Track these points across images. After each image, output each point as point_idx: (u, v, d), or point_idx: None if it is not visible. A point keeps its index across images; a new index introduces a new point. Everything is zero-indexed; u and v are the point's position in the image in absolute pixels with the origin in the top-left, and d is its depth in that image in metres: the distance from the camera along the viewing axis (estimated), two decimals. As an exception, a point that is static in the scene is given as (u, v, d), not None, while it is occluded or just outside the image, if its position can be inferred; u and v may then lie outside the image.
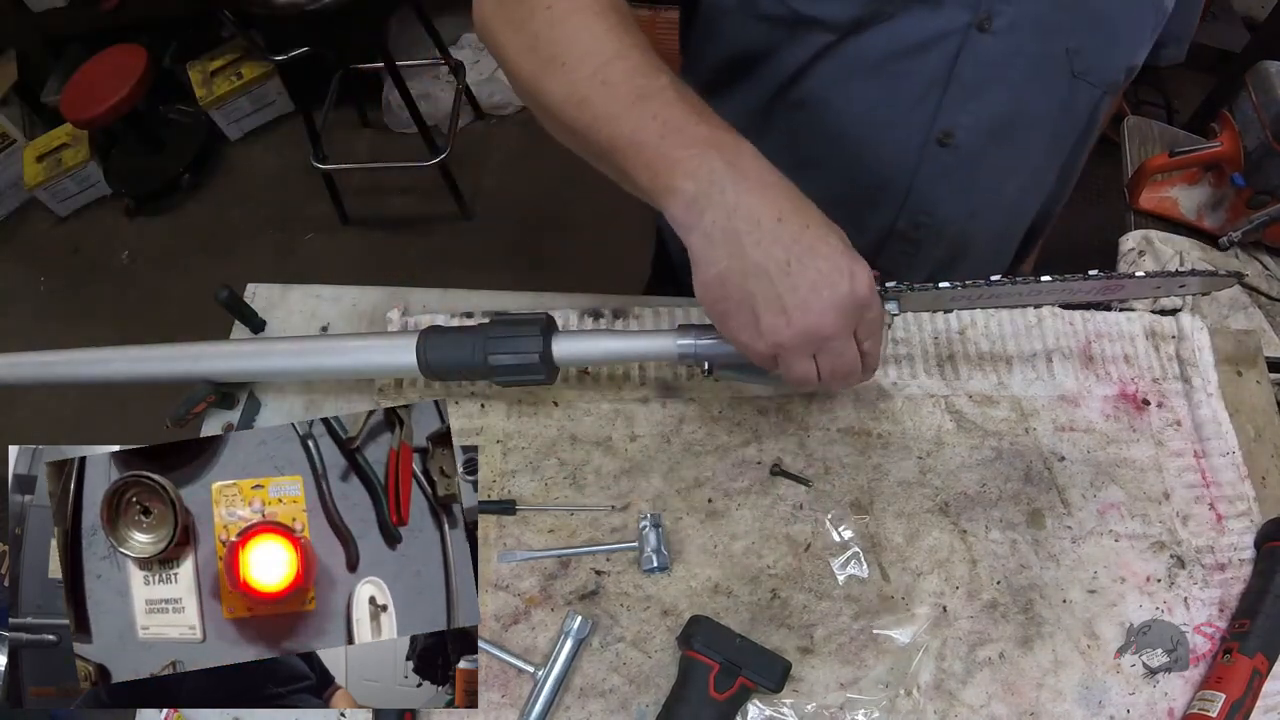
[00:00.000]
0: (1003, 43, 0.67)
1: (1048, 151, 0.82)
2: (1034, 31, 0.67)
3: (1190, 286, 0.70)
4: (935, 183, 0.78)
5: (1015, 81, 0.71)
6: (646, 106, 0.53)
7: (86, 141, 2.42)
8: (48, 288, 2.39)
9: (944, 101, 0.71)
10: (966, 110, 0.72)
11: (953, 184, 0.79)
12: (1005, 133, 0.75)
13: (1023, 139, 0.78)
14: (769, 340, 0.53)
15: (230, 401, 0.78)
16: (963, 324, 0.81)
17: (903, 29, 0.68)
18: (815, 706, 0.65)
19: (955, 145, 0.75)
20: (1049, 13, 0.67)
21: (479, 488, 0.73)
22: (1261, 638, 0.65)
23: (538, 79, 0.58)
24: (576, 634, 0.66)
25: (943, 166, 0.76)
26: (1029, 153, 0.80)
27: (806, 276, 0.51)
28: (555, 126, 0.60)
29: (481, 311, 0.83)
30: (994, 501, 0.73)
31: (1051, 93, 0.74)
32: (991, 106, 0.72)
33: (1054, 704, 0.65)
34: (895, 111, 0.73)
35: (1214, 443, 0.76)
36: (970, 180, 0.79)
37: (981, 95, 0.71)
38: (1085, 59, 0.71)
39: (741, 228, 0.50)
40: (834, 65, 0.71)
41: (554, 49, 0.57)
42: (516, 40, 0.59)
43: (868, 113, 0.74)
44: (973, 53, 0.68)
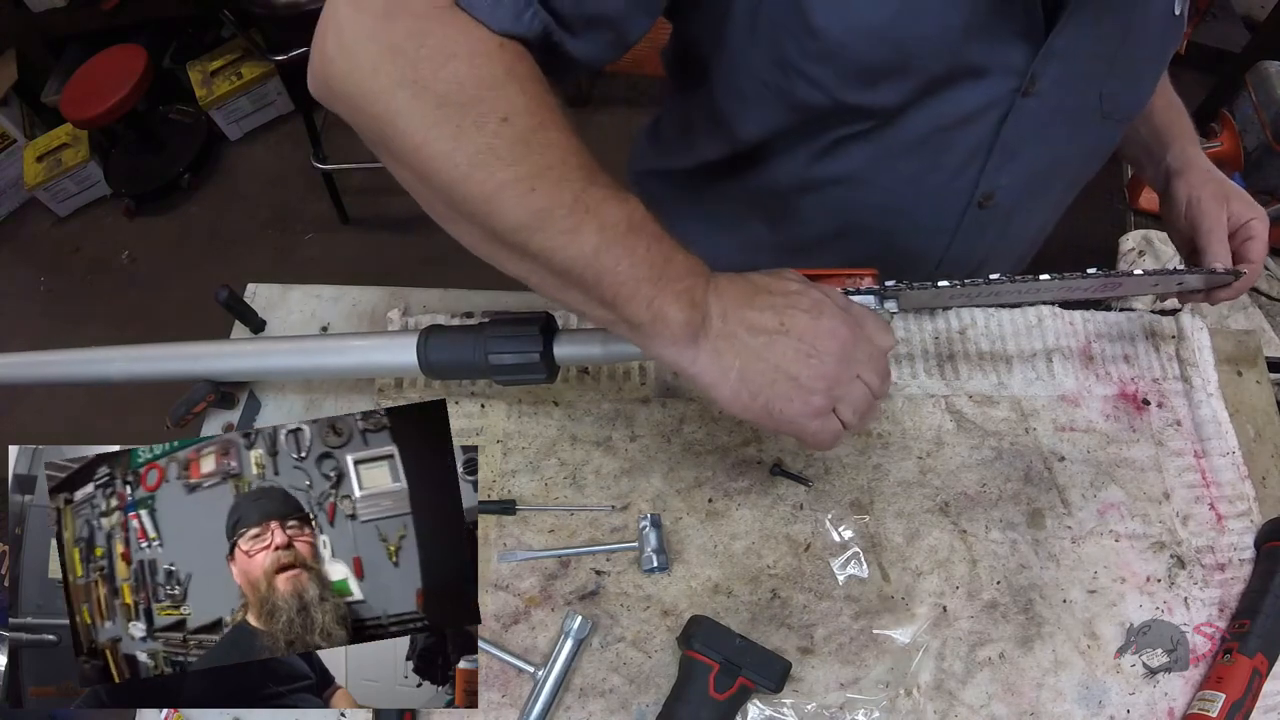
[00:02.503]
0: (1045, 103, 0.66)
1: (1073, 186, 0.82)
2: (1073, 85, 0.66)
3: (1189, 285, 0.70)
4: (971, 238, 0.78)
5: (1054, 137, 0.70)
6: (638, 239, 0.50)
7: (86, 141, 2.42)
8: (48, 288, 2.39)
9: (986, 167, 0.70)
10: (1007, 172, 0.71)
11: (987, 237, 0.78)
12: (1041, 185, 0.75)
13: (1055, 185, 0.78)
14: (825, 395, 0.53)
15: (230, 401, 0.78)
16: (963, 324, 0.81)
17: (948, 105, 0.65)
18: (815, 706, 0.65)
19: (995, 205, 0.74)
20: (1087, 64, 0.65)
21: (479, 488, 0.73)
22: (1261, 638, 0.65)
23: (490, 195, 0.48)
24: (576, 634, 0.66)
25: (980, 225, 0.76)
26: (1058, 194, 0.81)
27: (810, 332, 0.52)
28: (489, 239, 0.51)
29: (481, 311, 0.83)
30: (994, 501, 0.73)
31: (1084, 138, 0.74)
32: (1032, 164, 0.72)
33: (1054, 704, 0.65)
34: (938, 181, 0.72)
35: (1214, 443, 0.76)
36: (1003, 230, 0.79)
37: (1022, 155, 0.70)
38: (1115, 101, 0.70)
39: (736, 329, 0.52)
40: (875, 146, 0.69)
41: (517, 167, 0.47)
42: (457, 145, 0.47)
43: (909, 186, 0.72)
44: (1017, 117, 0.66)
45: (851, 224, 0.77)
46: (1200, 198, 0.76)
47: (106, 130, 2.42)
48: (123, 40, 2.33)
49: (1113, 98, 0.70)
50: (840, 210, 0.75)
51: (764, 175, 0.76)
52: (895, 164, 0.70)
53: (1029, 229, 0.84)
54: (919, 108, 0.65)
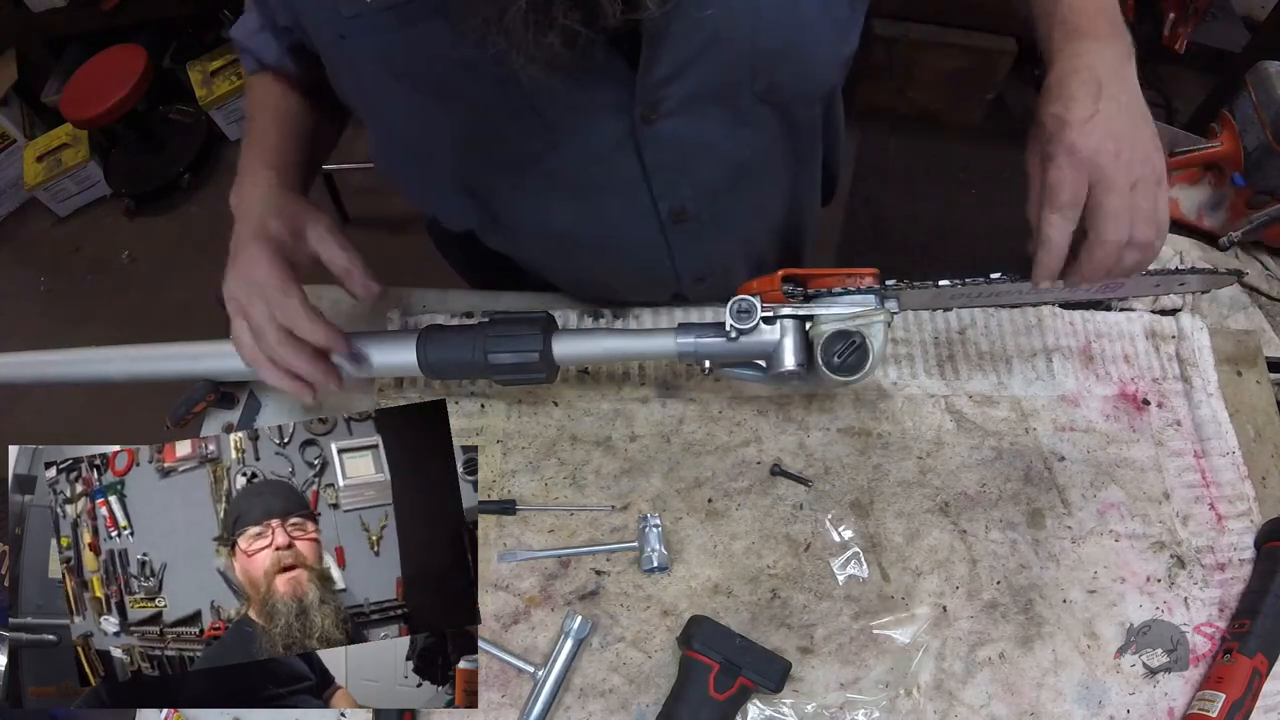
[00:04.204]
0: (681, 121, 0.63)
1: (790, 167, 0.78)
2: (707, 99, 0.62)
3: (1190, 285, 0.70)
4: (692, 249, 0.76)
5: (716, 145, 0.67)
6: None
7: (86, 141, 2.42)
8: (48, 288, 2.39)
9: (654, 190, 0.68)
10: (683, 186, 0.69)
11: (708, 243, 0.77)
12: (736, 185, 0.72)
13: (756, 179, 0.75)
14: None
15: (230, 401, 0.78)
16: (963, 324, 0.81)
17: (575, 147, 0.64)
18: (815, 706, 0.65)
19: (691, 218, 0.72)
20: (709, 79, 0.61)
21: (479, 488, 0.73)
22: (1261, 638, 0.65)
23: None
24: (576, 634, 0.66)
25: (691, 235, 0.74)
26: (771, 184, 0.78)
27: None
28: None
29: (481, 311, 0.83)
30: (994, 501, 0.73)
31: (758, 135, 0.69)
32: (708, 174, 0.69)
33: (1054, 704, 0.65)
34: (618, 208, 0.70)
35: (1214, 443, 0.76)
36: (724, 232, 0.77)
37: (689, 170, 0.68)
38: (781, 89, 0.65)
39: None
40: (535, 190, 0.69)
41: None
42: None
43: (594, 219, 0.71)
44: (653, 144, 0.64)
45: (571, 252, 0.76)
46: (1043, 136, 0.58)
47: (106, 130, 2.42)
48: (123, 40, 2.33)
49: (776, 88, 0.64)
50: (553, 245, 0.76)
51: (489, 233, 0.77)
52: (560, 204, 0.70)
53: (759, 222, 0.81)
54: (551, 149, 0.64)
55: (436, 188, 0.71)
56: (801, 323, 0.64)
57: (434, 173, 0.69)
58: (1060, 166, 0.56)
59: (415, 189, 0.74)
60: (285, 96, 0.73)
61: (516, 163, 0.66)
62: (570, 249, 0.76)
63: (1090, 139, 0.55)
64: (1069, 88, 0.57)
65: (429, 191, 0.73)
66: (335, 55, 0.60)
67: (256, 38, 0.70)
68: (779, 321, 0.64)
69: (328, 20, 0.56)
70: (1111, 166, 0.55)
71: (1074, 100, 0.56)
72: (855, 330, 0.61)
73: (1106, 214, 0.56)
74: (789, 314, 0.63)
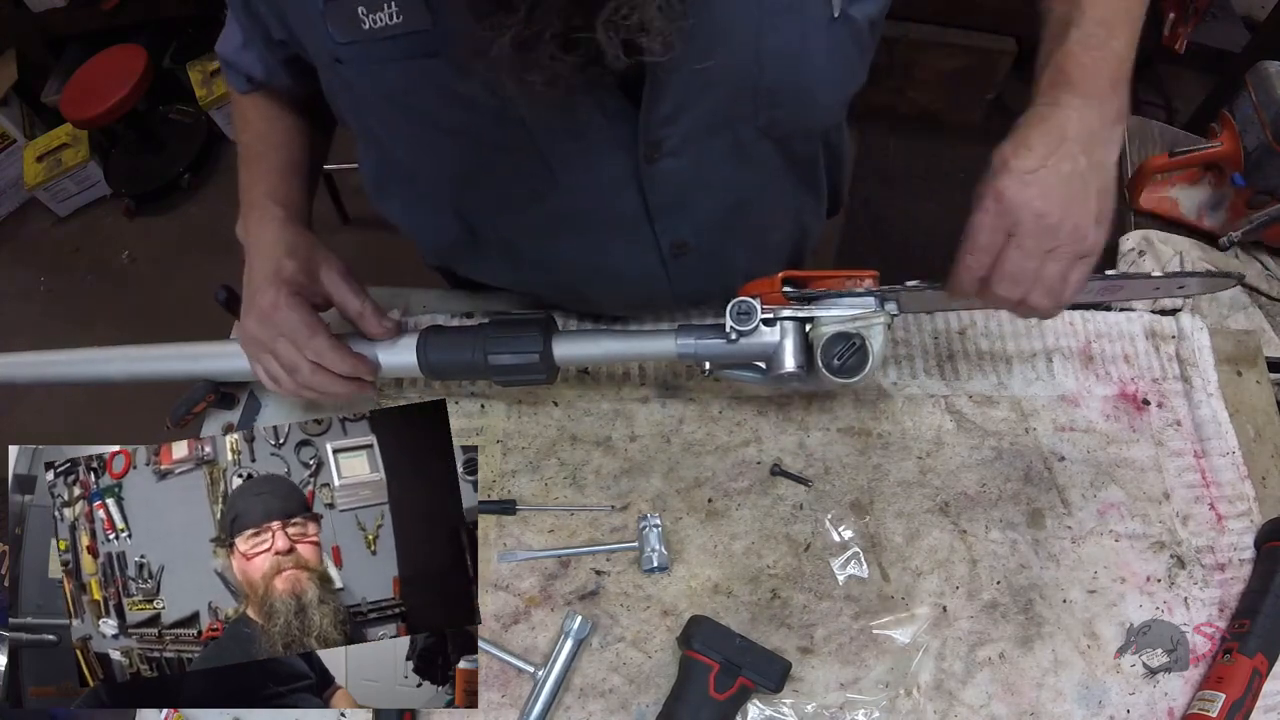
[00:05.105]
0: (683, 160, 0.62)
1: (788, 201, 0.78)
2: (712, 136, 0.62)
3: (1190, 288, 0.70)
4: (690, 278, 0.76)
5: (719, 182, 0.67)
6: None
7: (86, 141, 2.42)
8: (48, 288, 2.39)
9: (657, 228, 0.68)
10: (684, 223, 0.69)
11: (705, 274, 0.76)
12: (737, 219, 0.72)
13: (760, 211, 0.74)
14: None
15: (230, 401, 0.78)
16: (963, 324, 0.81)
17: (575, 198, 0.64)
18: (815, 706, 0.65)
19: (692, 250, 0.72)
20: (711, 117, 0.60)
21: (479, 488, 0.73)
22: (1261, 638, 0.65)
23: None
24: (576, 634, 0.66)
25: (690, 268, 0.74)
26: (769, 217, 0.77)
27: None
28: None
29: (481, 311, 0.83)
30: (994, 501, 0.73)
31: (760, 171, 0.69)
32: (710, 210, 0.69)
33: (1054, 704, 0.65)
34: (622, 243, 0.70)
35: (1214, 443, 0.76)
36: (723, 265, 0.76)
37: (690, 207, 0.68)
38: (782, 126, 0.64)
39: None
40: (534, 226, 0.69)
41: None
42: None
43: (594, 252, 0.71)
44: (656, 183, 0.64)
45: (579, 283, 0.77)
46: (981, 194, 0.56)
47: (106, 130, 2.41)
48: (123, 40, 2.33)
49: (778, 124, 0.64)
50: (562, 276, 0.76)
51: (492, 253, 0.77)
52: (569, 241, 0.70)
53: (761, 249, 0.80)
54: (552, 186, 0.63)
55: (433, 215, 0.72)
56: (801, 324, 0.64)
57: (431, 201, 0.70)
58: (985, 210, 0.55)
59: (408, 214, 0.74)
60: (281, 119, 0.73)
61: (517, 198, 0.66)
62: (569, 278, 0.76)
63: (1022, 193, 0.54)
64: (1029, 135, 0.55)
65: (422, 217, 0.74)
66: (332, 77, 0.59)
67: (243, 54, 0.68)
68: (779, 323, 0.64)
69: (323, 43, 0.55)
70: (1031, 225, 0.54)
71: (1026, 149, 0.54)
72: (855, 332, 0.61)
73: (1006, 271, 0.55)
74: (789, 316, 0.63)
